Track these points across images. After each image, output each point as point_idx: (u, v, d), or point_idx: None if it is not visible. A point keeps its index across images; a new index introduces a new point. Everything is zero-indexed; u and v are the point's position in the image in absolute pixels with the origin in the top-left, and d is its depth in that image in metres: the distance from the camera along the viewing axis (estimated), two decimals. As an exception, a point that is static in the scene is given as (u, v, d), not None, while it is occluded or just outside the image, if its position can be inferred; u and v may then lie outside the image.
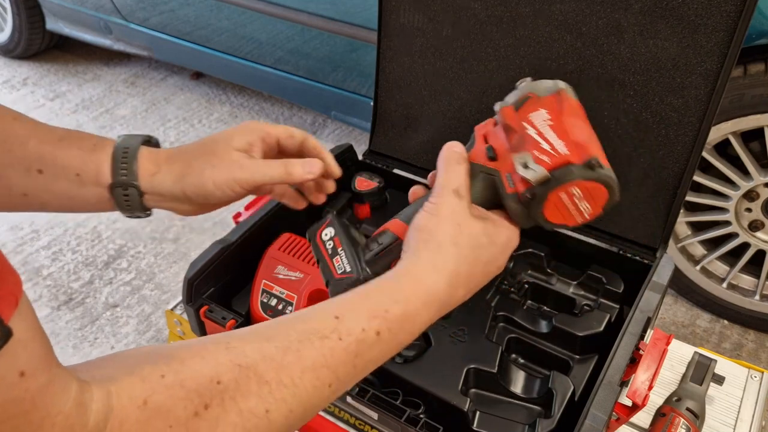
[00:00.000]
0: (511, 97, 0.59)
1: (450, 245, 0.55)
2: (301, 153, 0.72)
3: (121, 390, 0.41)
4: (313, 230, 0.62)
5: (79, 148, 0.63)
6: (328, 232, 0.61)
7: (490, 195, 0.58)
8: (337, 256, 0.60)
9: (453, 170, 0.58)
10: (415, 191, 0.65)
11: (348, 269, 0.59)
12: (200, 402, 0.43)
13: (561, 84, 0.58)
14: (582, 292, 0.97)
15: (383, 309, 0.51)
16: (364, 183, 1.10)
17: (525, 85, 0.59)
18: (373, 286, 0.54)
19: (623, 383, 0.75)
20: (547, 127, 0.55)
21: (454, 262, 0.55)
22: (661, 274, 0.87)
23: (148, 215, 0.68)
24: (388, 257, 0.60)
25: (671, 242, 1.75)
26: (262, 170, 0.65)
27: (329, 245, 0.60)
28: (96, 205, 0.65)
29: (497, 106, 0.59)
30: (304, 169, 0.66)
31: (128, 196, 0.64)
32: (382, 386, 0.84)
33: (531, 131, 0.55)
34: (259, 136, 0.68)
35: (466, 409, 0.78)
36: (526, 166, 0.54)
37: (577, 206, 0.54)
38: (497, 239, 0.58)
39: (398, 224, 0.61)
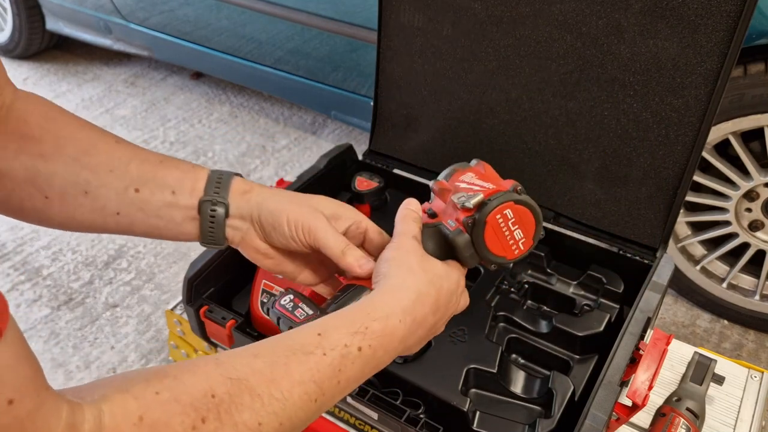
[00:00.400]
0: (440, 176, 0.70)
1: (419, 269, 0.61)
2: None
3: (114, 408, 0.41)
4: (271, 301, 0.65)
5: (177, 168, 0.66)
6: (287, 299, 0.64)
7: (437, 246, 0.65)
8: (298, 309, 0.63)
9: (409, 224, 0.65)
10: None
11: (310, 312, 0.62)
12: (197, 416, 0.43)
13: (480, 160, 0.71)
14: (582, 292, 0.97)
15: (364, 326, 0.54)
16: (364, 183, 1.10)
17: (449, 167, 0.70)
18: (351, 307, 0.57)
19: (623, 383, 0.75)
20: (476, 179, 0.66)
21: (424, 283, 0.60)
22: (661, 274, 0.88)
23: (225, 247, 0.68)
24: (348, 301, 0.62)
25: (671, 242, 1.75)
26: (330, 232, 0.65)
27: (289, 306, 0.63)
28: (180, 225, 0.66)
29: (431, 184, 0.70)
30: (357, 261, 0.64)
31: (215, 213, 0.65)
32: (382, 386, 0.84)
33: (463, 185, 0.66)
34: (352, 219, 0.69)
35: (466, 409, 0.78)
36: (463, 198, 0.63)
37: (512, 233, 0.62)
38: (452, 274, 0.64)
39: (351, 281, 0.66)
